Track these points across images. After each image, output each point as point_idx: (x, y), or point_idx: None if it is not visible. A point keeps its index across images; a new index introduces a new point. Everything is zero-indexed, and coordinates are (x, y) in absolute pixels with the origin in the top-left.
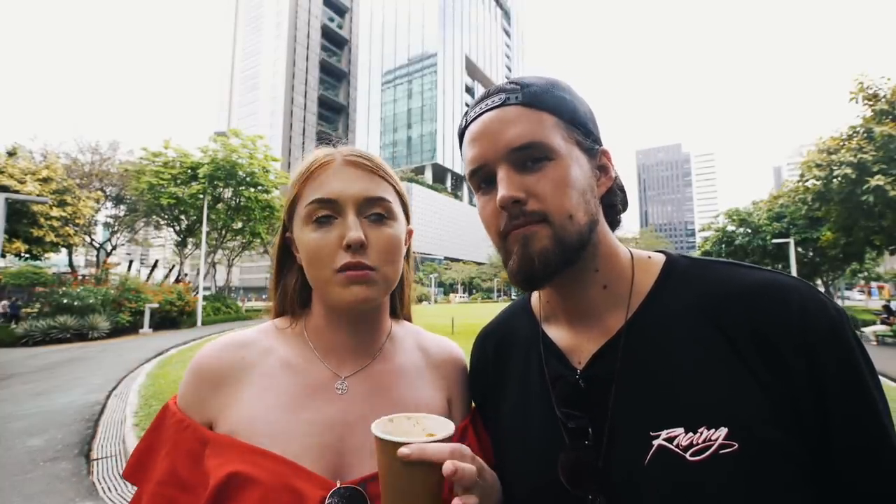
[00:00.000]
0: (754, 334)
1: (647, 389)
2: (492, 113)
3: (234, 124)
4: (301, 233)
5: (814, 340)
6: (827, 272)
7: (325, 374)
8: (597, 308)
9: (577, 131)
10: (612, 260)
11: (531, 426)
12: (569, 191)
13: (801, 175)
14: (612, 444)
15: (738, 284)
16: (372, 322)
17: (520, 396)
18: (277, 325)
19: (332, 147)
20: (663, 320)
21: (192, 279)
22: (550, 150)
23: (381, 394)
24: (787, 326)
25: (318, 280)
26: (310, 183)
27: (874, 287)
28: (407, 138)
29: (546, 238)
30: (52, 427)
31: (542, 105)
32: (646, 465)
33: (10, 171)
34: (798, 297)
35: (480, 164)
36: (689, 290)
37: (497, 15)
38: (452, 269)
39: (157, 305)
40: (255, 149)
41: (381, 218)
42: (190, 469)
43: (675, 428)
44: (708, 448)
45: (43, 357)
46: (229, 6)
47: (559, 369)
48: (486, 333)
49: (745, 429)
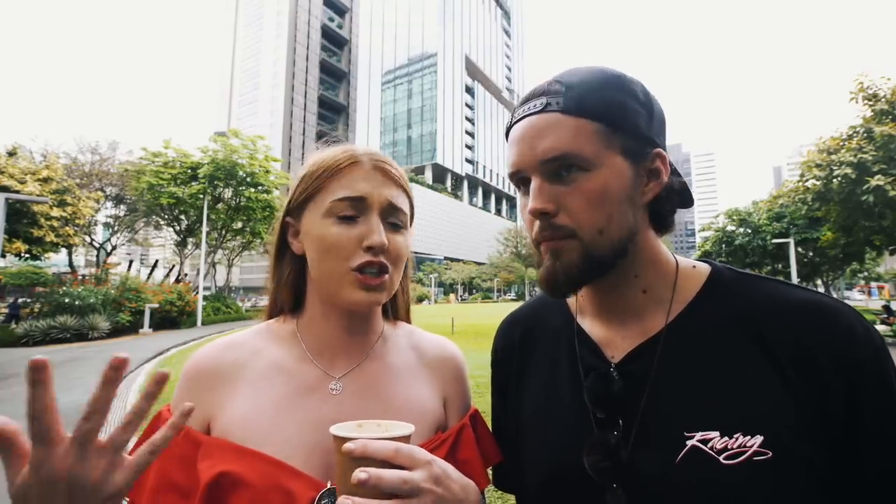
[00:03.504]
0: (797, 348)
1: (683, 391)
2: (531, 119)
3: (234, 124)
4: (319, 225)
5: (857, 362)
6: (827, 272)
7: (316, 374)
8: (635, 309)
9: (621, 136)
10: (655, 266)
11: (558, 414)
12: (601, 205)
13: (801, 175)
14: (642, 439)
15: (785, 300)
16: (366, 322)
17: (548, 384)
18: (270, 326)
19: (351, 146)
20: (705, 327)
21: (192, 279)
22: (585, 162)
23: (374, 393)
24: (832, 344)
25: (331, 274)
26: (337, 179)
27: (874, 287)
28: (407, 138)
29: (574, 252)
30: None
31: (584, 111)
32: (677, 464)
33: (10, 171)
34: (845, 319)
35: (517, 169)
36: (733, 301)
37: (497, 15)
38: (452, 269)
39: (157, 305)
40: (256, 149)
41: (398, 227)
42: (184, 474)
43: (711, 431)
44: (743, 453)
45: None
46: (229, 6)
47: (593, 361)
48: (513, 320)
49: (779, 439)
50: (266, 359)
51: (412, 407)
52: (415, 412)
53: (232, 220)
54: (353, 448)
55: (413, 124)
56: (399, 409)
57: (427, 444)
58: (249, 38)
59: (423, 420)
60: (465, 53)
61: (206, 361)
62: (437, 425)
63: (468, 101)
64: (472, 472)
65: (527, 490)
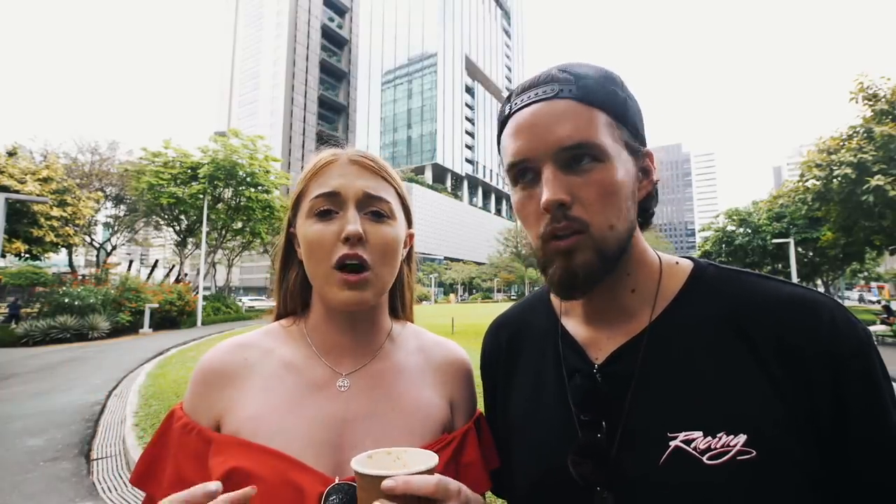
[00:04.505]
0: (781, 344)
1: (667, 390)
2: (542, 105)
3: (233, 124)
4: (303, 226)
5: (841, 355)
6: (827, 272)
7: (325, 373)
8: (623, 309)
9: (625, 131)
10: (643, 264)
11: (543, 417)
12: (614, 198)
13: (801, 175)
14: (626, 441)
15: (768, 295)
16: (371, 321)
17: (533, 387)
18: (279, 326)
19: (339, 148)
20: (688, 325)
21: (192, 279)
22: (601, 152)
23: (382, 391)
24: (816, 339)
25: (317, 275)
26: (315, 179)
27: (874, 287)
28: (407, 138)
29: (589, 250)
30: (52, 427)
31: (595, 101)
32: (661, 465)
33: (10, 171)
34: (829, 312)
35: (524, 159)
36: (716, 298)
37: (497, 15)
38: (452, 269)
39: (157, 305)
40: (256, 149)
41: (381, 216)
42: (196, 471)
43: (693, 431)
44: (726, 453)
45: (43, 357)
46: (229, 6)
47: (576, 363)
48: (500, 323)
49: (763, 437)
50: (277, 357)
51: (419, 406)
52: (422, 412)
53: (232, 220)
54: (394, 485)
55: (413, 124)
56: (406, 408)
57: (433, 445)
58: (249, 38)
59: (429, 420)
60: (465, 53)
61: (217, 362)
62: (443, 426)
63: (468, 101)
64: (475, 475)
65: (515, 493)
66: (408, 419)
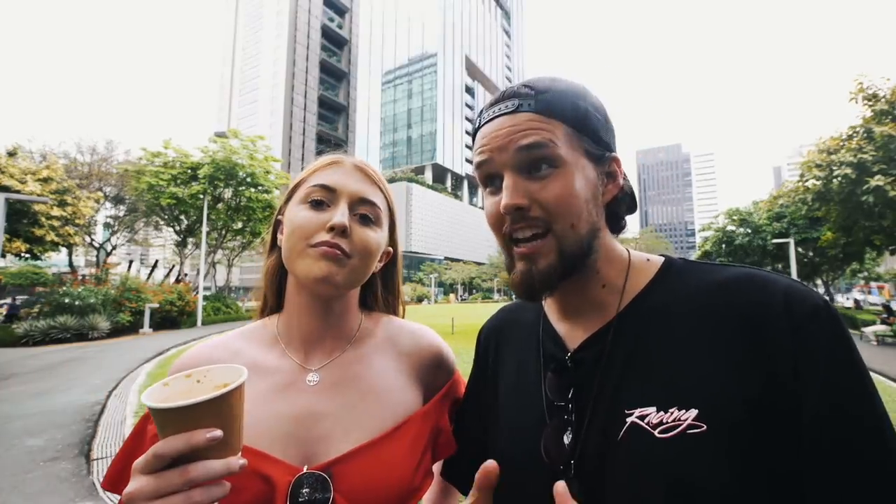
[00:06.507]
0: (740, 319)
1: (626, 372)
2: (504, 118)
3: (233, 124)
4: (294, 210)
5: (800, 319)
6: (827, 272)
7: (293, 369)
8: (594, 302)
9: (586, 139)
10: (612, 262)
11: (524, 403)
12: (572, 200)
13: (801, 175)
14: (594, 422)
15: (723, 276)
16: (340, 312)
17: (517, 375)
18: (252, 328)
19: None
20: (652, 310)
21: (192, 279)
22: (557, 159)
23: (352, 382)
24: (771, 307)
25: (293, 251)
26: (317, 174)
27: (874, 287)
28: (407, 138)
29: (552, 252)
30: (52, 427)
31: (554, 113)
32: (618, 441)
33: (10, 171)
34: (781, 284)
35: (488, 167)
36: (679, 286)
37: (497, 15)
38: (452, 269)
39: (158, 305)
40: (256, 149)
41: (368, 220)
42: None
43: (647, 407)
44: (676, 427)
45: (43, 357)
46: (229, 6)
47: (553, 352)
48: (493, 321)
49: (714, 411)
50: (244, 359)
51: (390, 394)
52: (393, 399)
53: (232, 220)
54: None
55: (413, 124)
56: (376, 396)
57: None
58: (249, 38)
59: (400, 406)
60: (465, 53)
61: (189, 363)
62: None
63: (468, 101)
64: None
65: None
66: (378, 407)
